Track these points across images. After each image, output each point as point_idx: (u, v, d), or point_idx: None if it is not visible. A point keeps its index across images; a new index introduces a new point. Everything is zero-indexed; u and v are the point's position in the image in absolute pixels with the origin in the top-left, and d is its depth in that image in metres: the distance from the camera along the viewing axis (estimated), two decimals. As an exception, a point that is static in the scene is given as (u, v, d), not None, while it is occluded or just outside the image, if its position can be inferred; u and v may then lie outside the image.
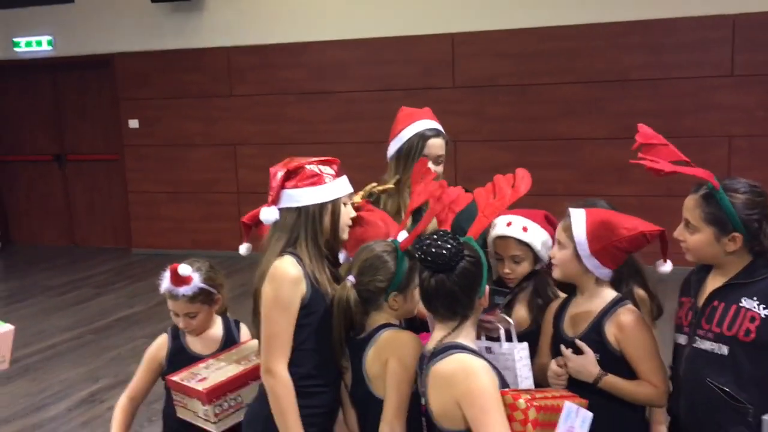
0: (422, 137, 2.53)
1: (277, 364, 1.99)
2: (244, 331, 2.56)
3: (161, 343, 2.49)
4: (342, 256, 2.21)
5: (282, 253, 2.05)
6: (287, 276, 2.00)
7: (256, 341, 2.39)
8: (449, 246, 1.78)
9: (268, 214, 2.07)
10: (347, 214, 2.13)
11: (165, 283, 2.40)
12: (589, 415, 1.76)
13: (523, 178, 2.15)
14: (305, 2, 7.50)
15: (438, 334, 1.85)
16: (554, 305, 2.27)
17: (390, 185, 2.55)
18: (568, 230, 2.12)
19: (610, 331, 2.05)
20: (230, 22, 7.75)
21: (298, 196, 2.05)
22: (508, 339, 2.08)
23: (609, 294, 2.13)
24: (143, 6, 7.87)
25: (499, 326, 2.08)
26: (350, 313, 1.99)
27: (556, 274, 2.18)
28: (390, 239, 2.10)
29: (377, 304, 2.03)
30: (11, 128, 8.99)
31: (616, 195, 6.40)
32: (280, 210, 2.07)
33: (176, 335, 2.49)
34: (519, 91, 6.99)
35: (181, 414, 2.29)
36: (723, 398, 1.92)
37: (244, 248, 2.18)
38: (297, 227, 2.06)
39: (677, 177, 2.02)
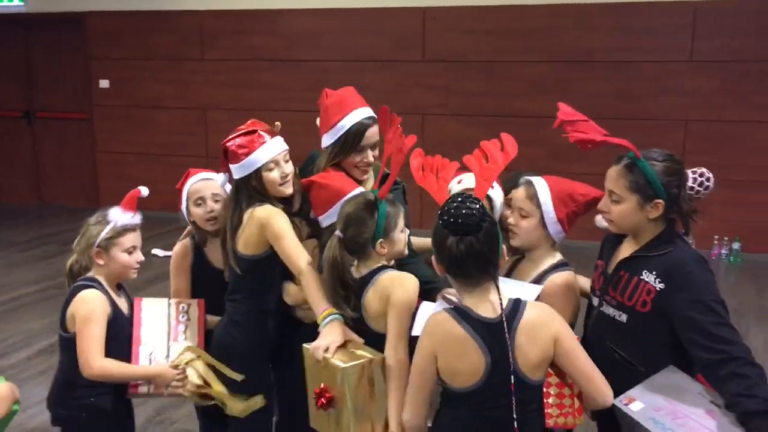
0: (363, 125, 2.45)
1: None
2: None
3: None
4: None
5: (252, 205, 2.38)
6: (277, 210, 2.36)
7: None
8: (476, 207, 1.80)
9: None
10: (276, 174, 2.37)
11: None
12: None
13: (509, 141, 2.22)
14: (280, -31, 7.55)
15: (475, 299, 1.83)
16: (504, 267, 2.35)
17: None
18: (533, 198, 2.22)
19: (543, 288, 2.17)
20: (204, -14, 7.77)
21: (234, 172, 2.41)
22: None
23: (556, 257, 2.26)
24: (117, -35, 7.86)
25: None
26: (339, 267, 2.13)
27: (516, 242, 2.27)
28: (365, 191, 2.26)
29: (365, 254, 2.16)
30: (-20, 83, 8.93)
31: (577, 173, 6.56)
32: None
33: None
34: (488, 68, 7.13)
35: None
36: (618, 360, 2.04)
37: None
38: (241, 196, 2.41)
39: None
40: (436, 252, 1.88)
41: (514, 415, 1.76)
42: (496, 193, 2.39)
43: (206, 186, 2.63)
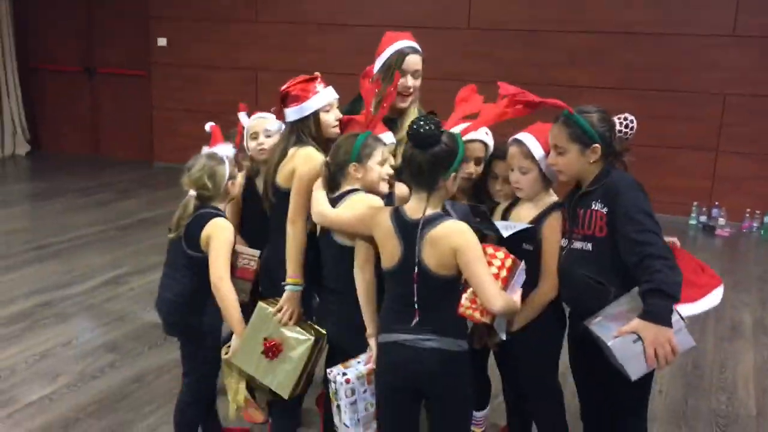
0: (401, 53, 2.90)
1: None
2: None
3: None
4: None
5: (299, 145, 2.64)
6: (317, 156, 2.59)
7: None
8: (429, 128, 2.16)
9: (271, 124, 2.90)
10: (332, 117, 2.66)
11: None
12: (524, 266, 2.30)
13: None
14: (332, -65, 7.80)
15: (414, 203, 2.25)
16: (500, 208, 2.65)
17: None
18: (528, 156, 2.47)
19: (542, 229, 2.47)
20: (259, -50, 8.07)
21: (288, 114, 2.66)
22: None
23: (551, 198, 2.54)
24: (177, -72, 8.20)
25: None
26: (327, 187, 2.50)
27: (523, 194, 2.53)
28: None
29: (343, 174, 2.48)
30: (44, 38, 9.40)
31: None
32: (286, 123, 2.70)
33: None
34: (529, 37, 7.31)
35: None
36: (590, 284, 2.34)
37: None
38: (292, 135, 2.67)
39: (666, 133, 2.39)
40: None
41: (415, 299, 2.21)
42: (490, 139, 2.68)
43: (260, 123, 2.97)
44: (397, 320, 2.26)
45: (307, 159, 2.59)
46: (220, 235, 2.65)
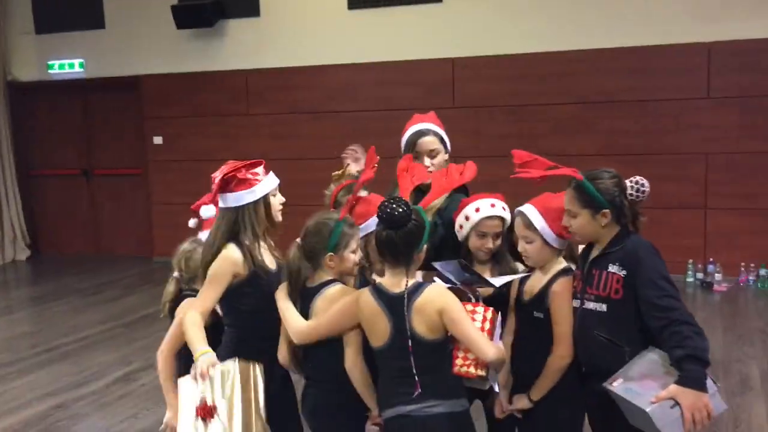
0: (416, 134, 3.06)
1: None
2: None
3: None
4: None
5: (225, 242, 2.57)
6: (230, 255, 2.55)
7: None
8: (401, 210, 2.30)
9: (207, 211, 2.97)
10: (277, 202, 2.67)
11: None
12: (500, 317, 2.45)
13: (469, 168, 2.78)
14: (318, 29, 8.14)
15: (390, 278, 2.35)
16: (517, 280, 2.70)
17: (339, 172, 3.18)
18: (530, 226, 2.58)
19: (548, 296, 2.55)
20: (248, 47, 8.41)
21: (235, 199, 2.56)
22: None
23: (561, 265, 2.62)
24: (169, 31, 8.55)
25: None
26: (296, 271, 2.50)
27: (530, 263, 2.63)
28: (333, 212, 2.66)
29: (318, 263, 2.53)
30: (43, 145, 9.63)
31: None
32: (221, 209, 2.59)
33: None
34: (513, 111, 7.58)
35: None
36: (605, 345, 2.41)
37: (192, 222, 3.12)
38: (237, 223, 2.57)
39: (655, 194, 2.54)
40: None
41: (414, 370, 2.29)
42: (507, 213, 2.77)
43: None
44: (398, 393, 2.35)
45: (221, 256, 2.55)
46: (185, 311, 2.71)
